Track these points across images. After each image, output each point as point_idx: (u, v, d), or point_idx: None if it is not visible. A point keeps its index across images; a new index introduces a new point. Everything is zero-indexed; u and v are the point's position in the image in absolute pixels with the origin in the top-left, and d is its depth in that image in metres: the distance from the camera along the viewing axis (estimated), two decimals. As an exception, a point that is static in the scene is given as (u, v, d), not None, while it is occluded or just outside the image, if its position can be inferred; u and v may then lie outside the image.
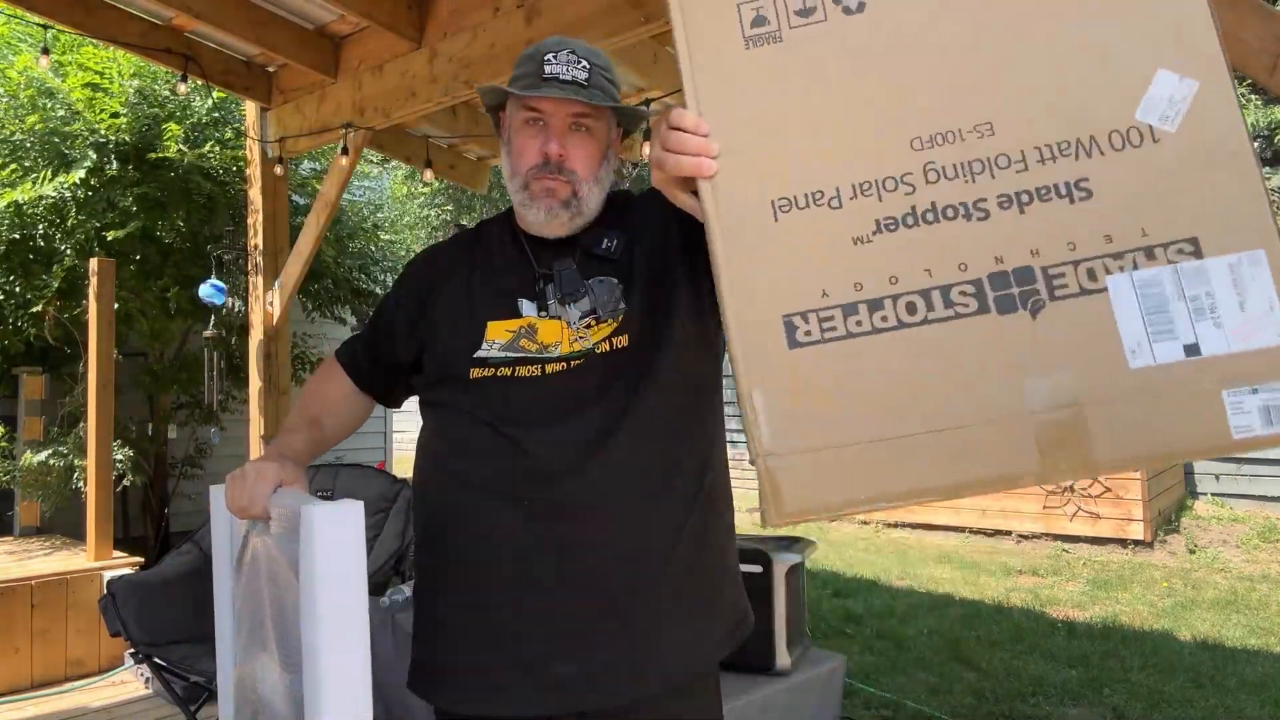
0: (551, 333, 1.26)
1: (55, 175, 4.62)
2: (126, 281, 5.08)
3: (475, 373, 1.25)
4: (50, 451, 4.87)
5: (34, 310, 4.98)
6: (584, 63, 1.26)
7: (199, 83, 3.97)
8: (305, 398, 1.45)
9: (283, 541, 1.07)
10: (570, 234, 1.31)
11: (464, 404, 1.25)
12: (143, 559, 4.18)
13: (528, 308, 1.29)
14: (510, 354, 1.26)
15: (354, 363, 1.46)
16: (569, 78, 1.24)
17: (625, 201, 1.40)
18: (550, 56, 1.25)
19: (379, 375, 1.45)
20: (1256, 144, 11.62)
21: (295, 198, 5.54)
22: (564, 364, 1.24)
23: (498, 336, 1.27)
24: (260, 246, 4.31)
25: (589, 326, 1.25)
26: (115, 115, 4.86)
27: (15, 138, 4.85)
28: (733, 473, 1.40)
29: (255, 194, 4.35)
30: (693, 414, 1.29)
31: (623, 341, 1.25)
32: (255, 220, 4.36)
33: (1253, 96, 11.40)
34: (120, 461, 4.87)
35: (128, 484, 5.07)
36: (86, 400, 4.30)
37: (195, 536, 3.25)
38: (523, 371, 1.25)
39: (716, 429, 1.35)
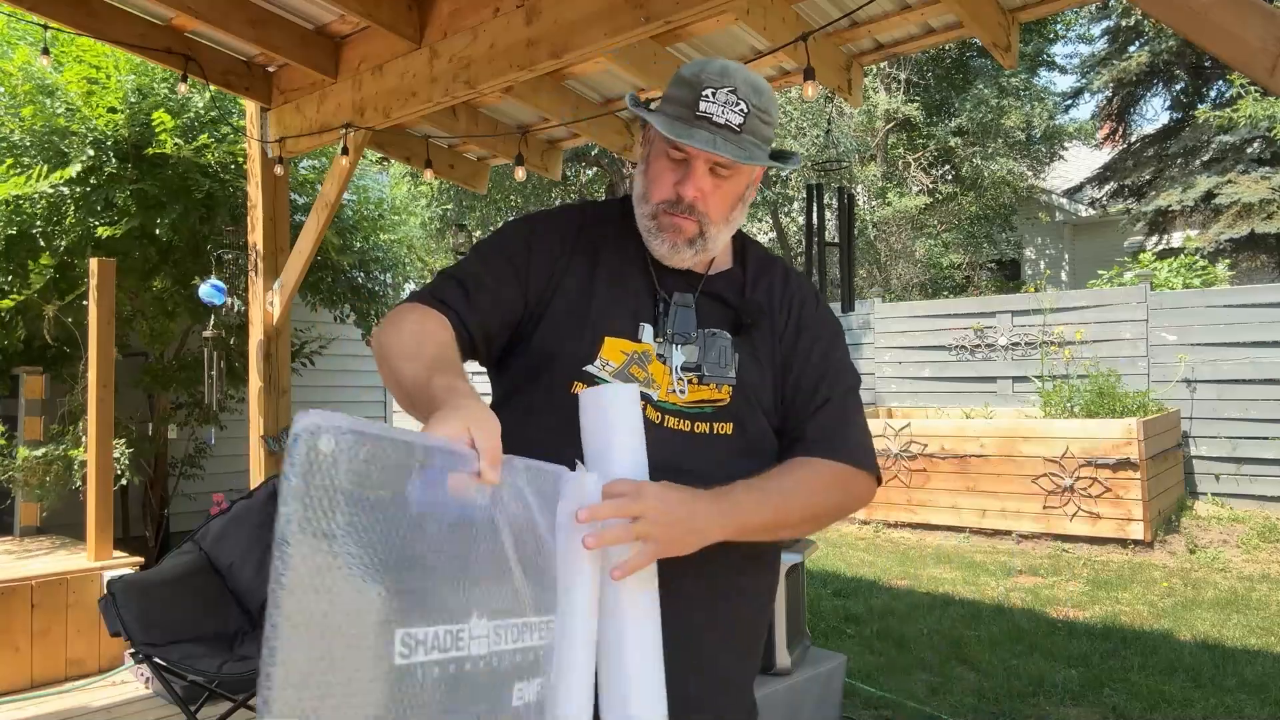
0: (658, 371, 1.20)
1: (52, 172, 4.61)
2: (125, 281, 5.07)
3: (578, 387, 1.15)
4: (46, 449, 4.87)
5: (34, 308, 4.97)
6: (741, 105, 1.16)
7: (199, 83, 3.98)
8: (416, 338, 1.11)
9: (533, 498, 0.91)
10: (691, 268, 1.26)
11: (550, 419, 1.14)
12: (143, 559, 4.18)
13: (647, 333, 1.22)
14: (619, 381, 1.18)
15: (469, 303, 1.20)
16: (722, 121, 1.15)
17: (773, 264, 1.35)
18: (708, 93, 1.16)
19: (491, 324, 1.21)
20: (1257, 144, 11.63)
21: (295, 198, 5.53)
22: (660, 414, 1.17)
23: (612, 357, 1.19)
24: (260, 246, 4.31)
25: (689, 382, 1.19)
26: (113, 110, 4.85)
27: (14, 136, 4.84)
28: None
29: (255, 194, 4.35)
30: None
31: (726, 429, 1.20)
32: (255, 220, 4.36)
33: (1250, 87, 11.39)
34: (119, 460, 4.87)
35: (125, 483, 5.07)
36: (86, 400, 4.30)
37: (195, 536, 3.25)
38: None
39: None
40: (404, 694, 0.73)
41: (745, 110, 1.17)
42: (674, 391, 1.19)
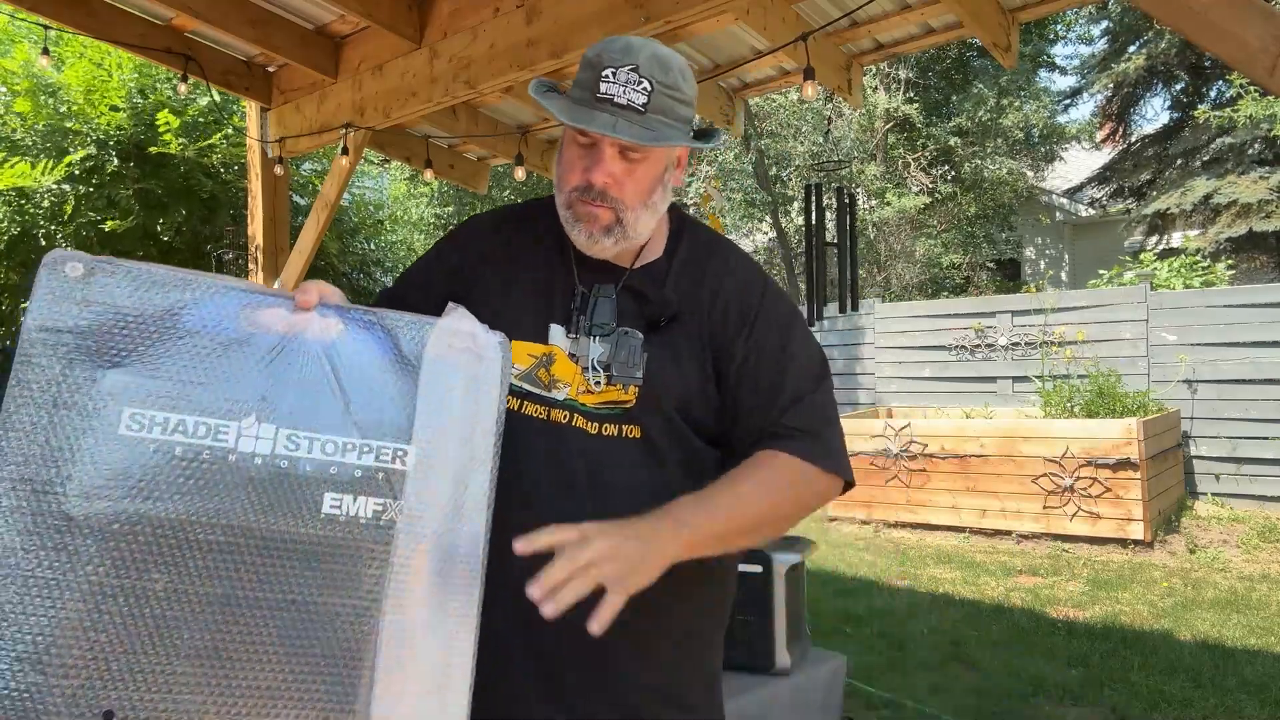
0: (566, 370, 1.17)
1: (56, 167, 4.62)
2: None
3: None
4: None
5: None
6: (645, 83, 1.10)
7: (199, 83, 3.98)
8: None
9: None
10: (615, 258, 1.22)
11: None
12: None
13: (556, 334, 1.19)
14: (525, 384, 1.17)
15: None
16: (624, 101, 1.10)
17: (713, 251, 1.27)
18: (609, 73, 1.10)
19: None
20: (1257, 145, 11.63)
21: (295, 198, 5.54)
22: (567, 413, 1.16)
23: (520, 361, 1.17)
24: (260, 246, 4.31)
25: (596, 383, 1.16)
26: (114, 109, 4.86)
27: (16, 135, 4.85)
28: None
29: (255, 194, 4.36)
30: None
31: (634, 433, 1.16)
32: (255, 220, 4.36)
33: (1250, 87, 11.39)
34: None
35: None
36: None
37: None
38: (529, 409, 1.17)
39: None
40: (135, 458, 0.88)
41: (649, 89, 1.11)
42: (585, 391, 1.16)
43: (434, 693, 0.95)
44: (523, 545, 0.96)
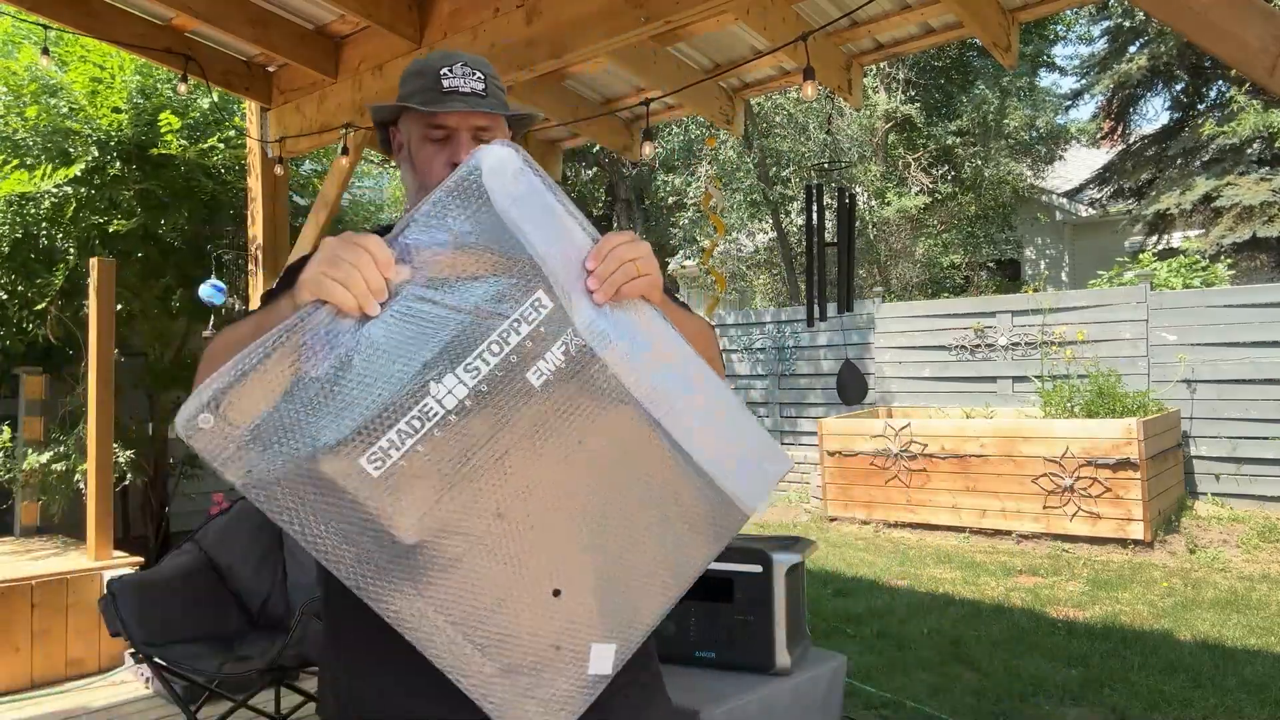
0: None
1: (56, 171, 4.62)
2: (128, 281, 5.08)
3: None
4: (52, 454, 4.87)
5: (38, 309, 4.98)
6: (478, 74, 1.27)
7: (200, 83, 3.98)
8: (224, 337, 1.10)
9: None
10: None
11: None
12: (143, 559, 4.18)
13: None
14: None
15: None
16: (468, 89, 1.25)
17: None
18: (446, 70, 1.26)
19: None
20: (1257, 145, 11.63)
21: (295, 198, 5.54)
22: None
23: None
24: (260, 246, 4.31)
25: None
26: (117, 110, 4.86)
27: (18, 135, 4.85)
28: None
29: (255, 194, 4.36)
30: None
31: None
32: (255, 220, 4.36)
33: (1253, 100, 11.39)
34: (121, 463, 4.87)
35: (128, 484, 5.07)
36: (87, 400, 4.30)
37: (195, 536, 3.25)
38: None
39: None
40: (406, 479, 0.94)
41: (483, 77, 1.27)
42: None
43: (725, 420, 1.10)
44: (594, 266, 1.04)
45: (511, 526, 0.99)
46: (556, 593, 1.02)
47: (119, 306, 4.74)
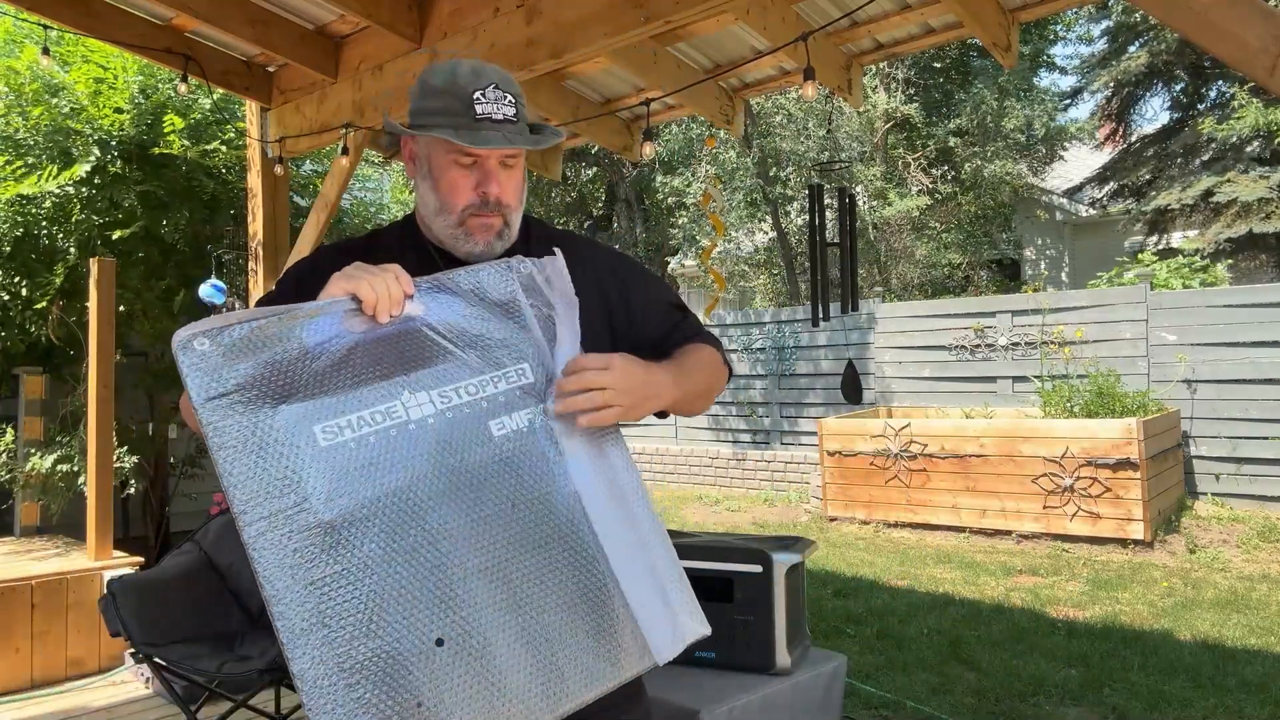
0: None
1: (59, 173, 4.62)
2: (129, 281, 5.08)
3: None
4: (56, 456, 4.87)
5: (38, 307, 4.98)
6: (508, 97, 1.26)
7: (200, 83, 3.98)
8: None
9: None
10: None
11: None
12: (143, 559, 4.18)
13: None
14: None
15: None
16: (500, 117, 1.24)
17: (565, 234, 1.44)
18: (479, 95, 1.24)
19: None
20: (1256, 143, 11.62)
21: (296, 198, 5.54)
22: None
23: None
24: (261, 243, 4.31)
25: None
26: (119, 110, 4.86)
27: (19, 135, 4.85)
28: (734, 472, 1.45)
29: (256, 194, 4.36)
30: None
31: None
32: (255, 220, 4.36)
33: (1253, 100, 11.38)
34: (123, 469, 4.87)
35: (132, 490, 5.07)
36: (87, 400, 4.30)
37: (195, 536, 3.25)
38: None
39: None
40: (345, 457, 1.03)
41: (513, 101, 1.27)
42: None
43: (660, 562, 1.18)
44: (563, 403, 1.15)
45: (421, 550, 1.03)
46: (440, 642, 1.01)
47: (119, 307, 4.74)
